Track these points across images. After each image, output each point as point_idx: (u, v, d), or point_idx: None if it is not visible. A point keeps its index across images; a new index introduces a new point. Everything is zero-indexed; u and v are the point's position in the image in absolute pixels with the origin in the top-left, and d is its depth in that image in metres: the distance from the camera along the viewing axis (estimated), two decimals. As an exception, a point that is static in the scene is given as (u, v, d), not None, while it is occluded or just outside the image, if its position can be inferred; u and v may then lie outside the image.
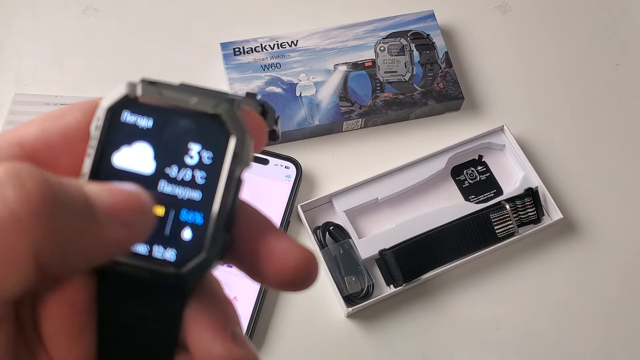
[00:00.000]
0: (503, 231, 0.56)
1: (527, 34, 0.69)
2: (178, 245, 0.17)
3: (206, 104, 0.17)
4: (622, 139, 0.64)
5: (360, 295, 0.53)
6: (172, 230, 0.17)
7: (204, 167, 0.17)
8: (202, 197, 0.17)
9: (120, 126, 0.17)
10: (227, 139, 0.17)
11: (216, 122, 0.17)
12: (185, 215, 0.17)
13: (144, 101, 0.18)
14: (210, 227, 0.17)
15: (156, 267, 0.17)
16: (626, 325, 0.55)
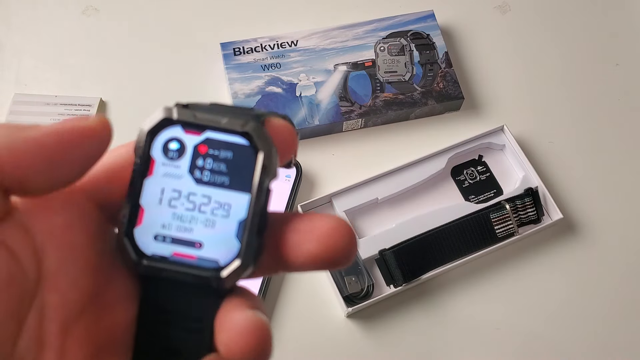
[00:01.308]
0: (503, 231, 0.56)
1: (527, 34, 0.69)
2: (220, 251, 0.19)
3: (235, 123, 0.19)
4: (622, 138, 0.64)
5: (360, 295, 0.53)
6: (211, 238, 0.19)
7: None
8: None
9: (161, 145, 0.20)
10: (256, 153, 0.19)
11: (245, 138, 0.19)
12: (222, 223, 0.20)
13: (182, 120, 0.20)
14: (245, 235, 0.19)
15: (198, 272, 0.19)
16: (626, 325, 0.55)
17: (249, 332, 0.18)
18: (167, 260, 0.19)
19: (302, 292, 0.55)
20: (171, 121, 0.19)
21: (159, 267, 0.19)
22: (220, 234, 0.19)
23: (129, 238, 0.19)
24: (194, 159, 0.20)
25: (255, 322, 0.18)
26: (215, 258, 0.19)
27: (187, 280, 0.19)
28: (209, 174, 0.19)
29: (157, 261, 0.19)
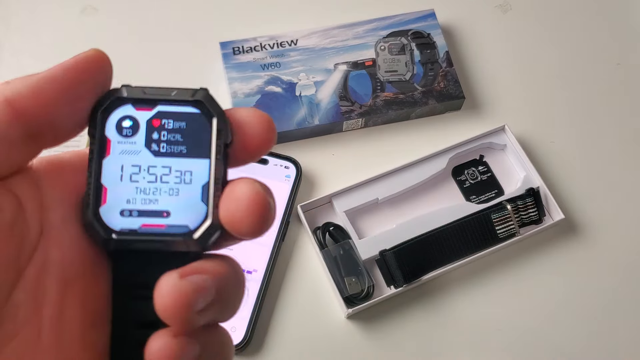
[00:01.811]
0: (504, 231, 0.55)
1: (528, 33, 0.69)
2: (188, 215, 0.20)
3: (185, 93, 0.20)
4: (623, 138, 0.63)
5: (360, 296, 0.53)
6: (178, 203, 0.20)
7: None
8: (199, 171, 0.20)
9: (116, 124, 0.20)
10: (210, 119, 0.20)
11: (198, 106, 0.20)
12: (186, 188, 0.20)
13: (131, 98, 0.20)
14: (210, 196, 0.20)
15: (170, 238, 0.20)
16: (628, 326, 0.55)
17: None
18: (137, 232, 0.20)
19: (302, 293, 0.55)
20: (121, 100, 0.20)
21: (130, 239, 0.20)
22: (186, 200, 0.20)
23: (96, 218, 0.20)
24: (148, 134, 0.20)
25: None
26: (185, 223, 0.20)
27: (159, 248, 0.20)
28: (166, 145, 0.20)
29: (126, 234, 0.20)
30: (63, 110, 0.19)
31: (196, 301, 0.18)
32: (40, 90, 0.19)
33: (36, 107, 0.19)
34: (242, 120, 0.20)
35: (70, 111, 0.19)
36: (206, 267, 0.19)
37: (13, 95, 0.19)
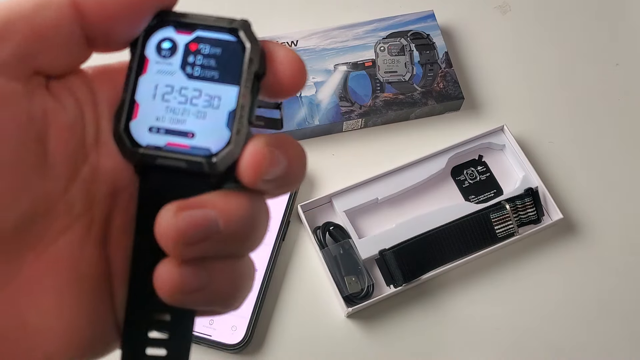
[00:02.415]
0: (503, 231, 0.56)
1: (527, 34, 0.69)
2: (211, 139, 0.21)
3: (224, 21, 0.21)
4: (622, 138, 0.64)
5: (360, 295, 0.53)
6: (203, 126, 0.21)
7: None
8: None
9: (155, 43, 0.21)
10: (243, 48, 0.21)
11: (233, 34, 0.21)
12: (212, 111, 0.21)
13: (175, 20, 0.21)
14: (235, 122, 0.20)
15: (191, 157, 0.20)
16: (627, 326, 0.55)
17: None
18: (162, 149, 0.20)
19: (302, 292, 0.55)
20: (164, 22, 0.21)
21: (154, 154, 0.20)
22: (212, 124, 0.20)
23: (126, 131, 0.20)
24: (185, 56, 0.21)
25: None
26: (207, 146, 0.20)
27: (180, 166, 0.20)
28: (200, 69, 0.21)
29: (152, 150, 0.20)
30: (120, 23, 0.20)
31: (189, 237, 0.19)
32: (107, 3, 0.19)
33: (97, 14, 0.19)
34: (277, 56, 0.21)
35: (126, 26, 0.20)
36: (214, 201, 0.20)
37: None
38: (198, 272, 0.19)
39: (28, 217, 0.19)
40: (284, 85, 0.21)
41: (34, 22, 0.18)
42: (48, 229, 0.19)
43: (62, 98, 0.19)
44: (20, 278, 0.19)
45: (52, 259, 0.19)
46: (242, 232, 0.20)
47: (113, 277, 0.21)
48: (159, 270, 0.19)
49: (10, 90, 0.18)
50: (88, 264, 0.20)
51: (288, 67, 0.21)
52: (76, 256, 0.20)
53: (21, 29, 0.18)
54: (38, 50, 0.18)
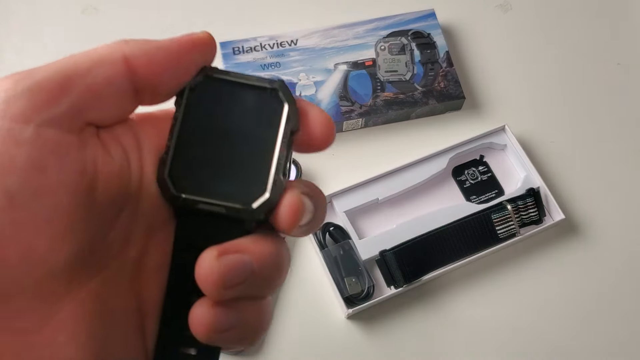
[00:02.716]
0: (504, 232, 0.55)
1: (529, 33, 0.69)
2: (249, 188, 0.22)
3: (265, 81, 0.23)
4: (624, 138, 0.63)
5: (360, 296, 0.53)
6: (242, 176, 0.22)
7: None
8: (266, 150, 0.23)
9: (199, 97, 0.23)
10: (282, 105, 0.22)
11: (272, 94, 0.23)
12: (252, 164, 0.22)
13: (217, 77, 0.23)
14: (271, 174, 0.22)
15: (231, 204, 0.22)
16: (629, 326, 0.55)
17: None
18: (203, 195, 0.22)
19: (303, 294, 0.55)
20: (210, 78, 0.23)
21: (195, 200, 0.22)
22: (250, 174, 0.22)
23: (169, 176, 0.22)
24: (227, 111, 0.23)
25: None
26: (246, 194, 0.22)
27: (219, 212, 0.22)
28: (241, 124, 0.23)
29: (194, 196, 0.22)
30: (166, 76, 0.21)
31: (228, 280, 0.20)
32: (153, 55, 0.21)
33: (146, 68, 0.21)
34: (310, 115, 0.23)
35: (171, 79, 0.22)
36: (249, 246, 0.21)
37: (131, 54, 0.21)
38: (230, 312, 0.21)
39: (72, 260, 0.20)
40: (315, 142, 0.23)
41: (89, 79, 0.20)
42: (89, 269, 0.21)
43: (110, 147, 0.21)
44: (59, 315, 0.20)
45: (89, 296, 0.21)
46: (270, 275, 0.22)
47: (143, 312, 0.22)
48: (195, 311, 0.21)
49: (66, 142, 0.19)
50: (120, 300, 0.21)
51: (319, 126, 0.23)
52: (110, 292, 0.21)
53: (78, 85, 0.20)
54: (92, 104, 0.20)
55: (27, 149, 0.19)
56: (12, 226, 0.18)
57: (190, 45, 0.22)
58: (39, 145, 0.19)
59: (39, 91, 0.19)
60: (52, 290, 0.20)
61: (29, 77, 0.20)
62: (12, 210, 0.18)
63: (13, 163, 0.18)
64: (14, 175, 0.18)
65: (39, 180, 0.19)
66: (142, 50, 0.21)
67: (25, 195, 0.18)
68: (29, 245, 0.19)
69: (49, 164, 0.19)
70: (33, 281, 0.19)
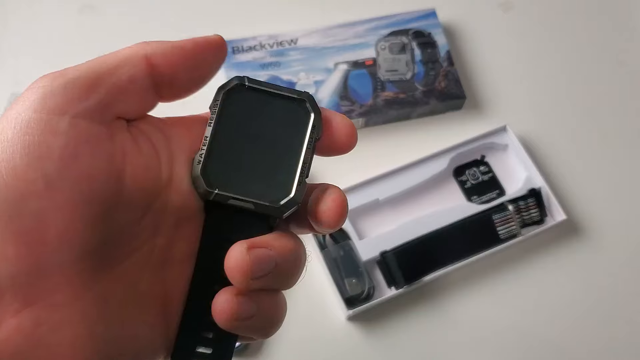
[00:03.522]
0: (506, 232, 0.55)
1: (530, 32, 0.68)
2: (275, 188, 0.24)
3: (294, 92, 0.25)
4: (626, 138, 0.63)
5: (361, 297, 0.53)
6: (270, 177, 0.24)
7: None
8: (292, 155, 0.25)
9: (233, 104, 0.25)
10: (309, 115, 0.25)
11: (300, 104, 0.25)
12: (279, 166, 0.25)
13: (250, 86, 0.25)
14: (297, 176, 0.24)
15: (260, 202, 0.24)
16: (631, 327, 0.55)
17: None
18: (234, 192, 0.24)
19: (303, 295, 0.54)
20: (243, 86, 0.25)
21: (227, 195, 0.24)
22: (278, 175, 0.24)
23: (203, 174, 0.24)
24: (258, 117, 0.25)
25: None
26: (274, 193, 0.24)
27: (248, 208, 0.24)
28: (271, 129, 0.25)
29: (225, 192, 0.24)
30: (183, 74, 0.24)
31: (255, 271, 0.22)
32: (170, 53, 0.23)
33: (164, 66, 0.23)
34: (334, 122, 0.25)
35: (186, 74, 0.24)
36: (273, 242, 0.23)
37: (151, 53, 0.23)
38: (251, 302, 0.23)
39: (104, 242, 0.22)
40: (339, 146, 0.25)
41: (115, 77, 0.22)
42: (118, 252, 0.22)
43: (139, 142, 0.23)
44: (90, 293, 0.21)
45: (117, 277, 0.22)
46: (290, 269, 0.24)
47: (168, 299, 0.24)
48: (218, 299, 0.23)
49: (97, 132, 0.21)
50: (148, 284, 0.23)
51: (343, 132, 0.25)
52: (138, 276, 0.23)
53: (105, 83, 0.22)
54: (118, 99, 0.22)
55: (63, 138, 0.21)
56: (51, 209, 0.20)
57: (205, 45, 0.24)
58: (73, 134, 0.21)
59: (72, 87, 0.21)
60: (86, 269, 0.21)
61: (63, 75, 0.22)
62: (51, 194, 0.20)
63: (50, 151, 0.20)
64: (52, 162, 0.20)
65: (74, 166, 0.21)
66: (161, 49, 0.23)
67: (62, 180, 0.20)
68: (66, 227, 0.20)
69: (82, 152, 0.21)
70: (69, 260, 0.21)
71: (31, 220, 0.20)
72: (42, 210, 0.20)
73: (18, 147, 0.20)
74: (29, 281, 0.20)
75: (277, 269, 0.23)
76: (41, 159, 0.20)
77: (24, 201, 0.20)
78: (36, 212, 0.20)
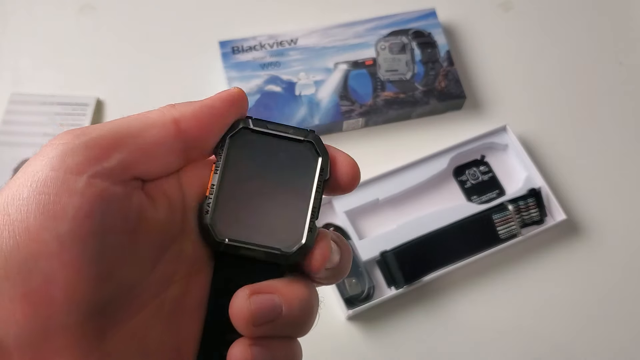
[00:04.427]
0: (506, 232, 0.55)
1: (530, 32, 0.68)
2: (286, 234, 0.24)
3: (300, 134, 0.25)
4: (626, 138, 0.63)
5: (360, 297, 0.53)
6: (280, 223, 0.24)
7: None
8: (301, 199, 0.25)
9: (239, 148, 0.24)
10: (316, 158, 0.25)
11: (306, 146, 0.25)
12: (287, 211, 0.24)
13: (256, 129, 0.25)
14: (307, 221, 0.24)
15: (270, 250, 0.24)
16: (631, 327, 0.55)
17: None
18: (243, 241, 0.24)
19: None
20: (248, 130, 0.24)
21: (237, 246, 0.23)
22: (287, 222, 0.24)
23: (211, 223, 0.23)
24: (265, 161, 0.25)
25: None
26: (283, 241, 0.24)
27: (259, 257, 0.23)
28: (278, 173, 0.24)
29: (235, 242, 0.23)
30: (213, 133, 0.24)
31: (257, 318, 0.22)
32: (201, 115, 0.23)
33: (196, 128, 0.23)
34: (338, 161, 0.25)
35: (218, 134, 0.24)
36: (280, 287, 0.23)
37: (180, 116, 0.23)
38: (265, 352, 0.22)
39: (112, 300, 0.21)
40: (342, 186, 0.25)
41: (140, 139, 0.22)
42: (129, 307, 0.22)
43: (155, 198, 0.23)
44: (97, 353, 0.21)
45: (126, 335, 0.22)
46: (300, 316, 0.23)
47: (181, 349, 0.23)
48: (232, 351, 0.22)
49: (112, 192, 0.21)
50: (158, 338, 0.23)
51: (346, 174, 0.25)
52: (149, 331, 0.23)
53: (129, 144, 0.22)
54: (141, 161, 0.22)
55: (78, 199, 0.20)
56: (60, 269, 0.20)
57: (230, 101, 0.24)
58: (89, 194, 0.21)
59: (93, 147, 0.21)
60: (93, 328, 0.21)
61: (86, 134, 0.21)
62: (61, 254, 0.20)
63: (65, 211, 0.20)
64: (66, 223, 0.20)
65: (87, 226, 0.20)
66: (190, 111, 0.23)
67: (74, 241, 0.20)
68: (74, 286, 0.20)
69: (96, 211, 0.21)
70: (76, 320, 0.20)
71: (40, 280, 0.20)
72: (51, 270, 0.20)
73: (33, 207, 0.20)
74: (37, 342, 0.20)
75: (284, 315, 0.23)
76: (55, 220, 0.20)
77: (35, 262, 0.20)
78: (45, 272, 0.20)
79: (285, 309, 0.23)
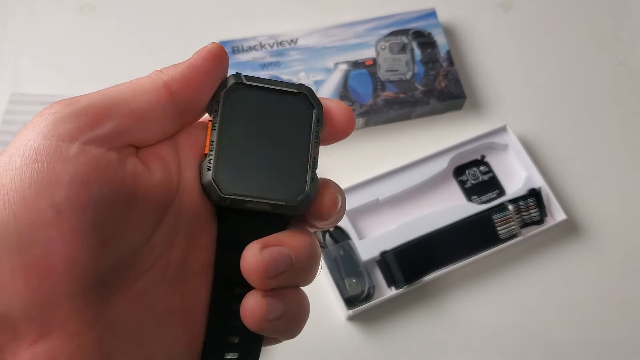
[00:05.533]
0: (506, 232, 0.55)
1: (530, 32, 0.68)
2: (288, 185, 0.24)
3: (293, 86, 0.25)
4: (626, 138, 0.63)
5: (361, 297, 0.53)
6: (281, 175, 0.24)
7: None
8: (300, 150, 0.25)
9: (234, 104, 0.24)
10: (311, 109, 0.25)
11: (301, 98, 0.25)
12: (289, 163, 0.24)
13: (249, 84, 0.25)
14: (308, 171, 0.24)
15: (275, 202, 0.24)
16: (631, 327, 0.55)
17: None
18: (248, 195, 0.24)
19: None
20: (241, 85, 0.24)
21: (242, 199, 0.23)
22: (289, 173, 0.24)
23: (215, 180, 0.23)
24: (261, 114, 0.24)
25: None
26: (287, 191, 0.24)
27: (264, 210, 0.23)
28: (275, 126, 0.24)
29: (239, 196, 0.23)
30: (204, 91, 0.24)
31: (271, 270, 0.22)
32: (189, 75, 0.23)
33: (187, 89, 0.23)
34: (331, 110, 0.25)
35: (207, 93, 0.24)
36: (287, 239, 0.23)
37: (170, 80, 0.23)
38: (278, 302, 0.23)
39: (114, 266, 0.21)
40: (338, 133, 0.26)
41: (133, 105, 0.22)
42: (131, 272, 0.22)
43: (150, 163, 0.23)
44: (105, 319, 0.21)
45: (133, 299, 0.22)
46: (307, 264, 0.24)
47: (189, 311, 0.24)
48: (247, 302, 0.23)
49: (107, 159, 0.21)
50: (164, 301, 0.23)
51: (341, 119, 0.25)
52: (154, 294, 0.23)
53: (121, 111, 0.22)
54: (135, 128, 0.22)
55: (72, 165, 0.20)
56: (59, 238, 0.20)
57: (212, 57, 0.24)
58: (83, 161, 0.20)
59: (85, 114, 0.21)
60: (97, 296, 0.21)
61: (75, 103, 0.21)
62: (60, 223, 0.20)
63: (60, 178, 0.20)
64: (62, 190, 0.20)
65: (83, 193, 0.20)
66: (179, 73, 0.23)
67: (71, 209, 0.20)
68: (74, 255, 0.20)
69: (92, 178, 0.20)
70: (78, 288, 0.20)
71: (40, 250, 0.20)
72: (51, 239, 0.20)
73: (27, 176, 0.20)
74: (42, 312, 0.20)
75: (294, 265, 0.23)
76: (50, 187, 0.20)
77: (33, 231, 0.20)
78: (45, 242, 0.20)
79: (295, 259, 0.23)
